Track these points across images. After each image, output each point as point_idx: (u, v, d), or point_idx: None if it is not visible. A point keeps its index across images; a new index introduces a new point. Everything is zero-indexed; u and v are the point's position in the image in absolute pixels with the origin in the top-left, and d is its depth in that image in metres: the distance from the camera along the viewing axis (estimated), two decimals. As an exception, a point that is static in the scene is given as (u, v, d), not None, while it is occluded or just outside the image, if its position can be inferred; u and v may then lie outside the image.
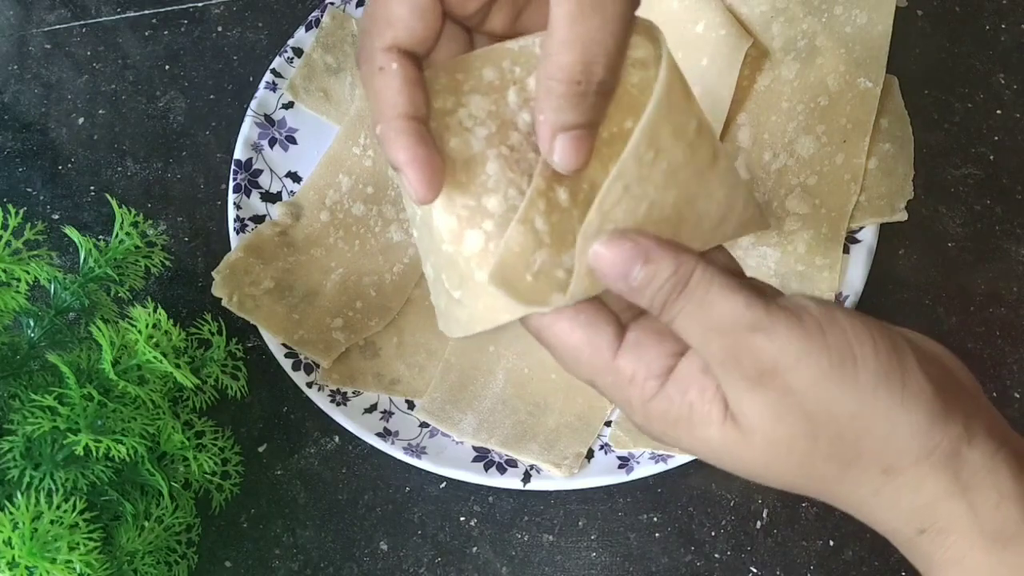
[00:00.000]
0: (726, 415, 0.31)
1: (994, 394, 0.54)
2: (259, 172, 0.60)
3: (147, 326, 0.46)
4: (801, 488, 0.32)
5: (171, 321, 0.47)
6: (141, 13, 0.68)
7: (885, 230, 0.55)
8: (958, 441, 0.29)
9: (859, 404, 0.29)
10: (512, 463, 0.53)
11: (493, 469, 0.52)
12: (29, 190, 0.64)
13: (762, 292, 0.31)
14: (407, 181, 0.30)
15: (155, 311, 0.47)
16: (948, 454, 0.29)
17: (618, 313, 0.32)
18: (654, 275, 0.30)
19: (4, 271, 0.45)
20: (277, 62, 0.61)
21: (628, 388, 0.32)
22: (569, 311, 0.31)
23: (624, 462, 0.52)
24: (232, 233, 0.58)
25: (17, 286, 0.45)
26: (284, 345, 0.55)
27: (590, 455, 0.53)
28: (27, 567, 0.40)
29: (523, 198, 0.31)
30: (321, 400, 0.54)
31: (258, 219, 0.59)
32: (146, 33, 0.68)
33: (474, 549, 0.54)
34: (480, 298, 0.31)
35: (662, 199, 0.31)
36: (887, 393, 0.29)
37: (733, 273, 0.31)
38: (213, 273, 0.55)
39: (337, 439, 0.56)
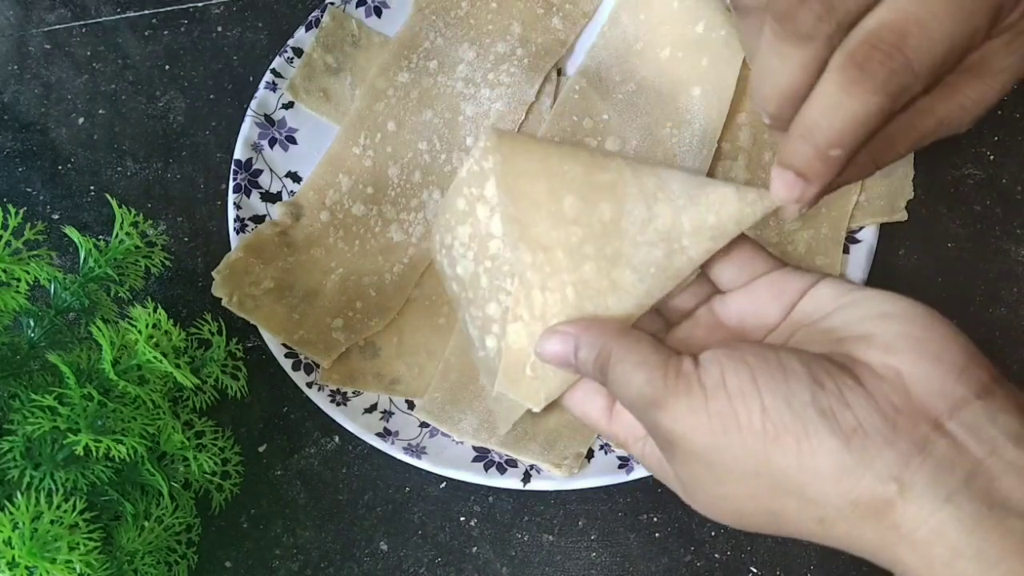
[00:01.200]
0: (674, 473, 0.34)
1: (994, 394, 0.54)
2: (259, 172, 0.60)
3: (147, 326, 0.46)
4: (764, 530, 0.33)
5: (171, 321, 0.47)
6: (141, 13, 0.68)
7: (885, 230, 0.55)
8: (886, 493, 0.28)
9: (756, 465, 0.29)
10: (512, 463, 0.53)
11: (493, 469, 0.52)
12: (29, 190, 0.64)
13: (669, 354, 0.33)
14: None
15: (155, 311, 0.47)
16: (875, 508, 0.28)
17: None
18: (585, 360, 0.35)
19: (4, 271, 0.45)
20: (277, 62, 0.61)
21: (627, 447, 0.37)
22: (580, 389, 0.38)
23: (624, 462, 0.52)
24: (232, 233, 0.58)
25: (17, 286, 0.45)
26: (284, 345, 0.55)
27: (590, 455, 0.53)
28: (27, 567, 0.40)
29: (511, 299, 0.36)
30: (321, 400, 0.54)
31: (258, 219, 0.59)
32: (146, 33, 0.68)
33: (474, 549, 0.54)
34: (506, 399, 0.38)
35: (580, 277, 0.35)
36: (780, 454, 0.29)
37: (647, 339, 0.34)
38: (213, 273, 0.55)
39: (337, 439, 0.56)
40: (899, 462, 0.28)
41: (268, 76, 0.61)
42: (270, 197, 0.60)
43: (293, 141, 0.61)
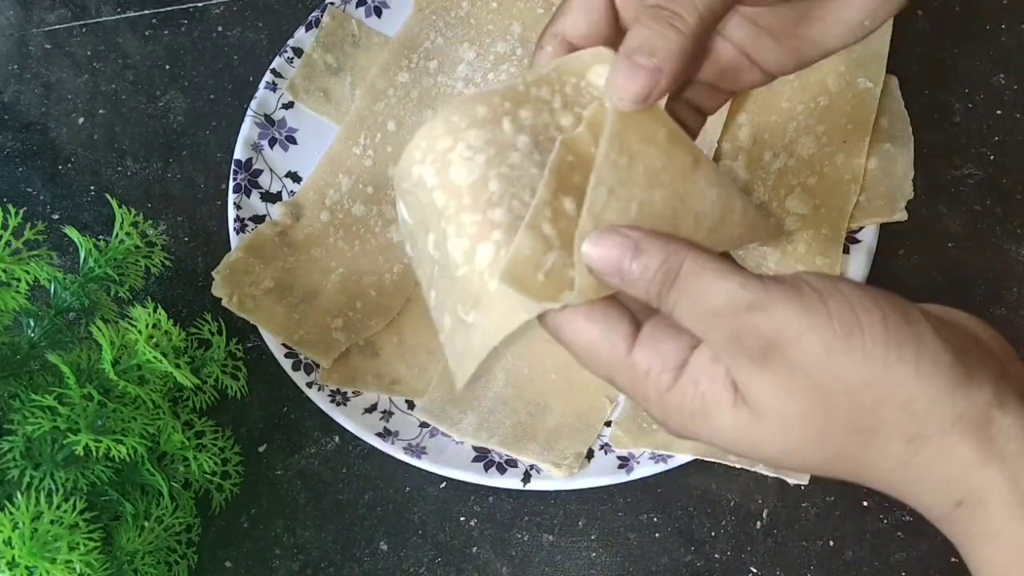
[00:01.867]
0: (736, 399, 0.30)
1: (994, 394, 0.54)
2: (259, 172, 0.60)
3: (147, 326, 0.46)
4: (826, 467, 0.31)
5: (171, 321, 0.47)
6: (141, 13, 0.68)
7: (885, 230, 0.55)
8: (987, 407, 0.28)
9: (870, 373, 0.28)
10: (512, 463, 0.53)
11: (493, 469, 0.52)
12: (29, 190, 0.64)
13: (755, 273, 0.31)
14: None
15: (155, 311, 0.47)
16: (977, 421, 0.28)
17: (635, 311, 0.32)
18: (645, 266, 0.30)
19: (4, 271, 0.45)
20: (277, 62, 0.61)
21: (644, 383, 0.32)
22: (584, 308, 0.32)
23: (624, 462, 0.52)
24: (232, 233, 0.58)
25: (17, 286, 0.45)
26: (284, 345, 0.55)
27: (590, 455, 0.53)
28: (27, 567, 0.40)
29: (527, 209, 0.32)
30: (321, 400, 0.54)
31: (258, 219, 0.59)
32: (146, 33, 0.68)
33: (474, 549, 0.54)
34: (495, 308, 0.32)
35: (650, 198, 0.32)
36: (899, 361, 0.28)
37: (724, 258, 0.31)
38: (213, 273, 0.55)
39: (337, 439, 0.56)
40: (994, 380, 0.29)
41: (268, 76, 0.61)
42: (270, 197, 0.60)
43: (293, 141, 0.61)
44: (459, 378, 0.34)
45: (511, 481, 0.52)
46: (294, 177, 0.61)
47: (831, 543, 0.52)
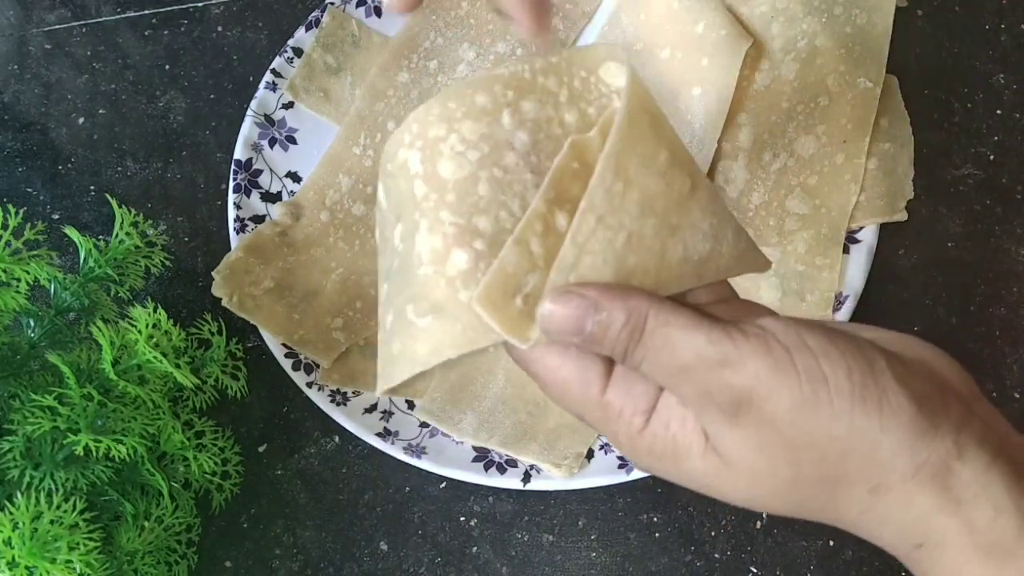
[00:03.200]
0: (707, 446, 0.31)
1: (994, 394, 0.54)
2: (259, 172, 0.60)
3: (147, 326, 0.46)
4: (791, 512, 0.32)
5: (171, 321, 0.47)
6: (141, 13, 0.68)
7: (885, 230, 0.55)
8: (947, 457, 0.29)
9: (837, 427, 0.29)
10: (512, 463, 0.53)
11: (493, 469, 0.52)
12: (29, 190, 0.64)
13: (719, 321, 0.30)
14: (519, 23, 0.32)
15: (155, 311, 0.47)
16: (937, 471, 0.29)
17: None
18: (608, 326, 0.30)
19: (4, 271, 0.45)
20: (277, 62, 0.61)
21: (616, 423, 0.32)
22: (559, 344, 0.31)
23: (624, 462, 0.52)
24: (232, 233, 0.58)
25: (17, 286, 0.45)
26: (284, 345, 0.55)
27: (590, 455, 0.53)
28: (27, 567, 0.40)
29: (515, 221, 0.31)
30: (321, 400, 0.54)
31: (258, 219, 0.59)
32: (146, 33, 0.68)
33: (474, 549, 0.54)
34: (460, 320, 0.31)
35: (640, 229, 0.31)
36: (863, 415, 0.29)
37: (688, 308, 0.31)
38: (213, 273, 0.55)
39: (337, 439, 0.56)
40: (955, 428, 0.29)
41: (268, 76, 0.61)
42: (270, 197, 0.60)
43: (293, 141, 0.61)
44: (382, 382, 0.32)
45: (511, 481, 0.52)
46: (294, 177, 0.61)
47: (831, 543, 0.52)
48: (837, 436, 0.29)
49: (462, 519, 0.54)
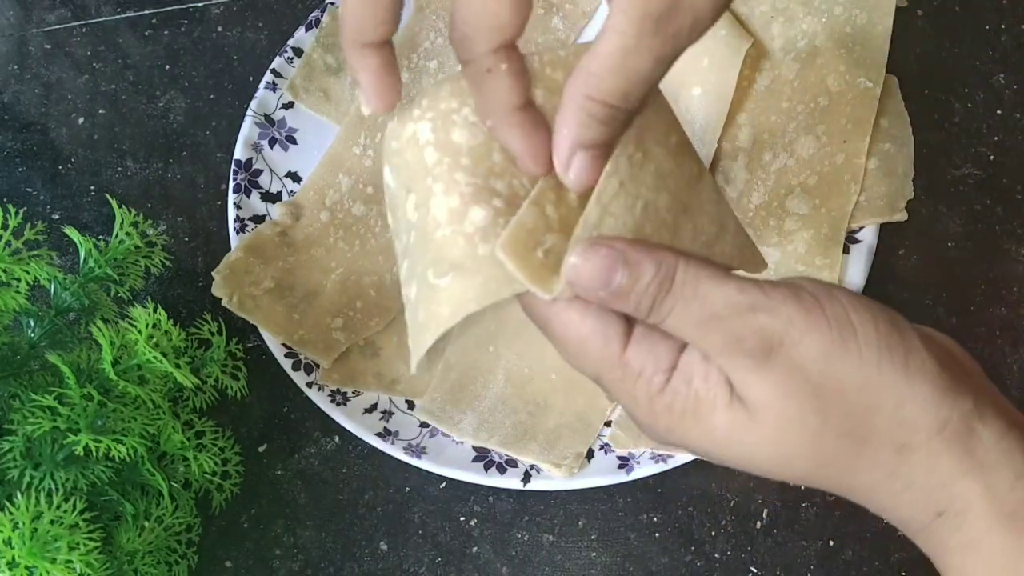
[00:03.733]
0: (732, 397, 0.30)
1: (994, 394, 0.54)
2: (259, 172, 0.60)
3: (147, 326, 0.46)
4: (813, 476, 0.31)
5: (171, 321, 0.47)
6: (141, 13, 0.68)
7: (885, 230, 0.55)
8: (969, 417, 0.29)
9: (865, 376, 0.29)
10: (512, 463, 0.53)
11: (493, 469, 0.52)
12: (29, 190, 0.64)
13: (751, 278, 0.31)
14: (523, 164, 0.31)
15: (155, 311, 0.47)
16: (960, 430, 0.29)
17: None
18: (637, 278, 0.29)
19: (4, 271, 0.45)
20: (277, 62, 0.61)
21: (636, 383, 0.31)
22: (579, 301, 0.30)
23: (624, 462, 0.52)
24: (232, 233, 0.58)
25: (17, 286, 0.45)
26: (284, 345, 0.55)
27: (590, 455, 0.53)
28: (27, 567, 0.40)
29: (527, 191, 0.31)
30: (321, 400, 0.54)
31: (258, 219, 0.59)
32: (146, 33, 0.68)
33: (474, 549, 0.54)
34: (480, 273, 0.30)
35: (655, 201, 0.31)
36: (890, 366, 0.29)
37: (715, 264, 0.31)
38: (213, 273, 0.55)
39: (337, 439, 0.56)
40: (974, 392, 0.30)
41: (268, 76, 0.61)
42: (270, 197, 0.60)
43: (293, 141, 0.61)
44: (414, 355, 0.32)
45: (511, 481, 0.52)
46: (294, 177, 0.61)
47: (831, 543, 0.52)
48: (864, 386, 0.29)
49: (462, 519, 0.54)
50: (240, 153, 0.60)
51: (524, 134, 0.30)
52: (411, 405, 0.55)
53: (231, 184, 0.59)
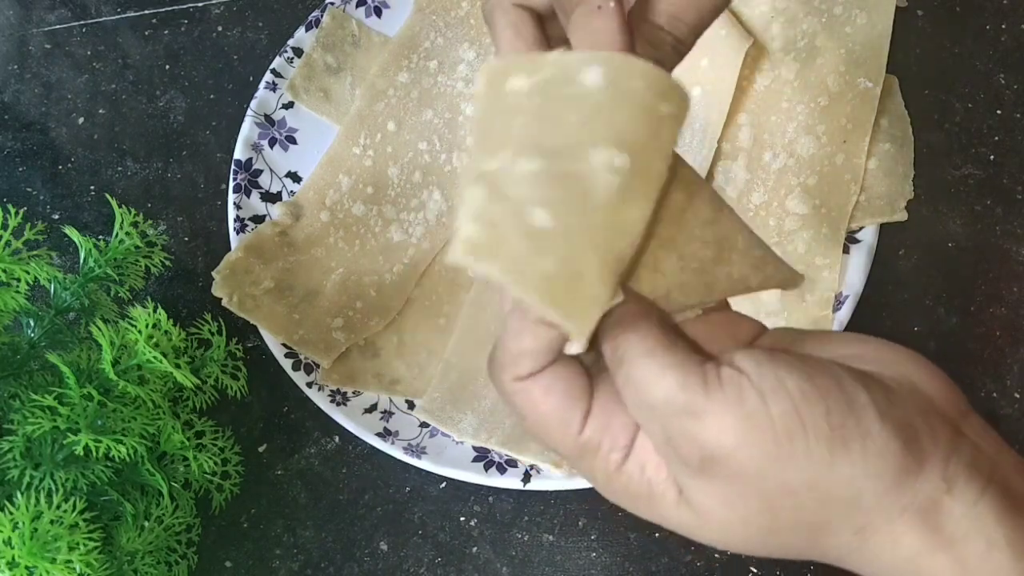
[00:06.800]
0: (679, 499, 0.30)
1: (994, 394, 0.54)
2: (259, 172, 0.60)
3: (147, 326, 0.46)
4: (773, 555, 0.30)
5: (171, 321, 0.47)
6: (141, 13, 0.68)
7: (885, 230, 0.55)
8: (936, 492, 0.28)
9: (815, 475, 0.27)
10: (512, 463, 0.53)
11: (493, 469, 0.52)
12: (29, 190, 0.64)
13: (699, 358, 0.29)
14: None
15: (155, 311, 0.47)
16: (925, 509, 0.28)
17: (588, 365, 0.31)
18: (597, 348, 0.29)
19: (4, 271, 0.45)
20: (277, 62, 0.61)
21: (593, 460, 0.31)
22: (545, 380, 0.30)
23: (624, 462, 0.52)
24: (232, 233, 0.58)
25: (17, 286, 0.45)
26: (284, 345, 0.55)
27: (590, 455, 0.53)
28: (27, 567, 0.40)
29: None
30: (321, 400, 0.54)
31: (258, 219, 0.59)
32: (146, 33, 0.68)
33: (474, 549, 0.54)
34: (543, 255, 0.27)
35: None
36: (845, 459, 0.27)
37: (674, 337, 0.29)
38: (213, 273, 0.55)
39: (337, 439, 0.56)
40: (943, 460, 0.28)
41: (268, 76, 0.61)
42: (270, 197, 0.60)
43: (293, 141, 0.61)
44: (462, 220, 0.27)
45: (511, 481, 0.52)
46: (294, 177, 0.61)
47: (831, 543, 0.52)
48: (816, 484, 0.28)
49: (462, 519, 0.54)
50: (240, 153, 0.60)
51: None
52: (411, 405, 0.55)
53: (231, 184, 0.59)
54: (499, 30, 0.33)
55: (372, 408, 0.55)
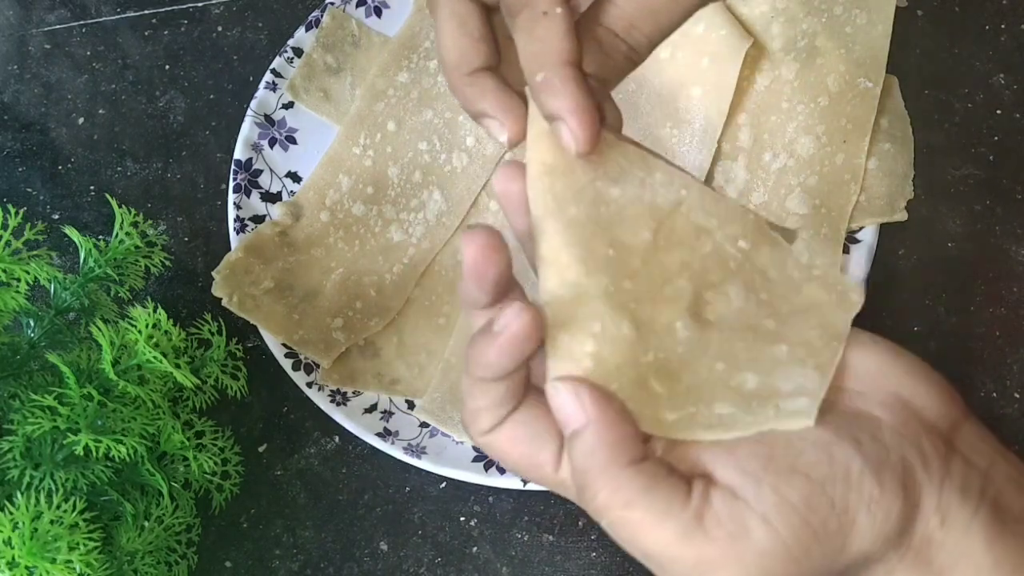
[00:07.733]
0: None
1: (994, 394, 0.54)
2: (259, 172, 0.60)
3: (147, 326, 0.46)
4: None
5: (171, 321, 0.47)
6: (141, 13, 0.68)
7: (885, 230, 0.55)
8: (930, 530, 0.28)
9: (830, 564, 0.27)
10: (512, 463, 0.53)
11: (493, 469, 0.52)
12: (29, 190, 0.64)
13: (693, 493, 0.27)
14: (567, 130, 0.29)
15: (155, 311, 0.47)
16: (919, 549, 0.28)
17: None
18: (585, 450, 0.28)
19: (4, 271, 0.45)
20: (277, 62, 0.61)
21: (576, 498, 0.30)
22: (507, 433, 0.30)
23: (624, 462, 0.52)
24: (232, 233, 0.58)
25: (17, 286, 0.45)
26: (284, 345, 0.55)
27: (590, 455, 0.52)
28: (27, 567, 0.40)
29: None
30: (321, 400, 0.54)
31: (258, 219, 0.59)
32: (146, 33, 0.68)
33: (474, 549, 0.54)
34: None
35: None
36: (855, 538, 0.27)
37: (642, 457, 0.28)
38: (213, 273, 0.55)
39: (337, 439, 0.56)
40: (937, 489, 0.28)
41: (268, 76, 0.61)
42: (270, 197, 0.60)
43: (293, 141, 0.61)
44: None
45: (511, 481, 0.52)
46: (294, 177, 0.61)
47: (831, 543, 0.52)
48: (830, 569, 0.28)
49: (462, 519, 0.54)
50: (240, 153, 0.60)
51: (576, 93, 0.29)
52: (411, 405, 0.55)
53: (231, 184, 0.59)
54: (442, 20, 0.31)
55: (372, 408, 0.55)
